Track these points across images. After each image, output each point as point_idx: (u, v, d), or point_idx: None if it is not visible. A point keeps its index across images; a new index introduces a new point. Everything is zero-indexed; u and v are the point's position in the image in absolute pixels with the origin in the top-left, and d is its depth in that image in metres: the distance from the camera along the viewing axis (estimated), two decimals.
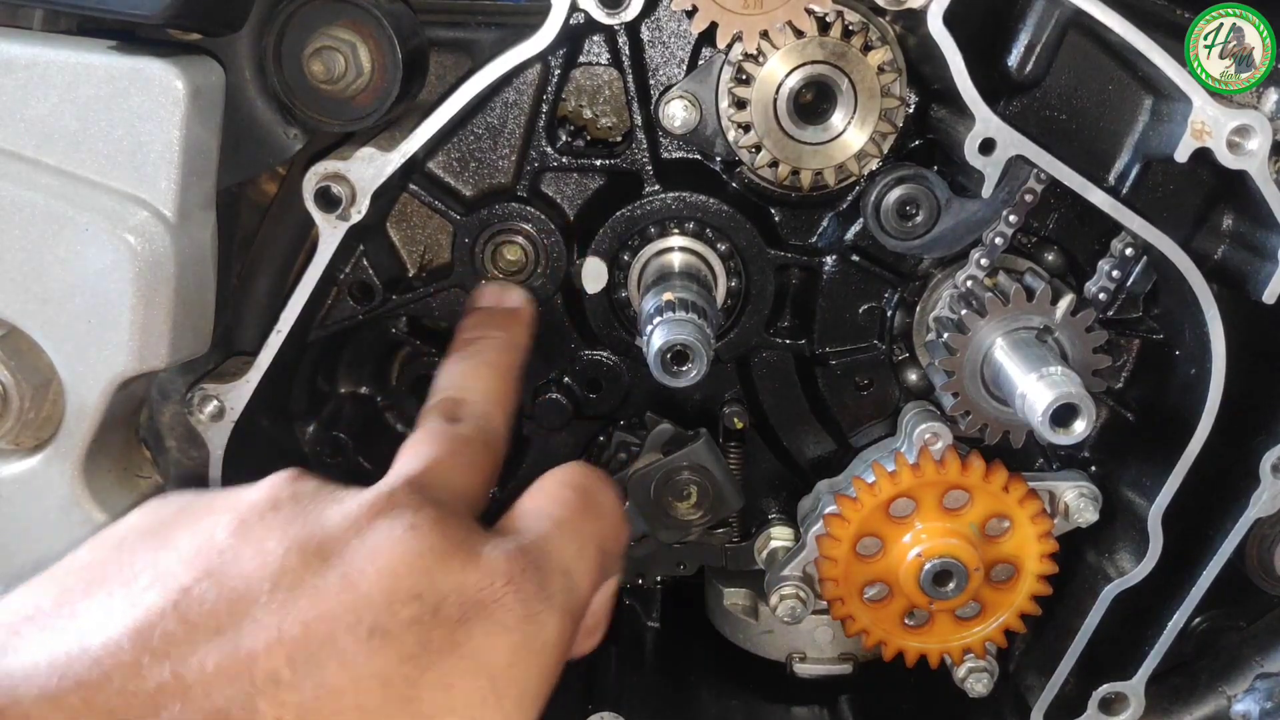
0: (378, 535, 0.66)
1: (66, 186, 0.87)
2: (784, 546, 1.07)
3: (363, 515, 0.67)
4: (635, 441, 1.09)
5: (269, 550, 0.64)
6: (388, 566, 0.64)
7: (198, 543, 0.65)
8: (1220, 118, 0.85)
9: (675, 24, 1.03)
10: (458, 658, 0.63)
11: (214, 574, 0.62)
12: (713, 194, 1.02)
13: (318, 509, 0.69)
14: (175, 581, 0.62)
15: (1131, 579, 0.99)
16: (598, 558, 0.75)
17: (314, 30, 0.92)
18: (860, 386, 1.08)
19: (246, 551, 0.64)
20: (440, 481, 0.75)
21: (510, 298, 1.01)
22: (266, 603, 0.61)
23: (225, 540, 0.65)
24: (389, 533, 0.66)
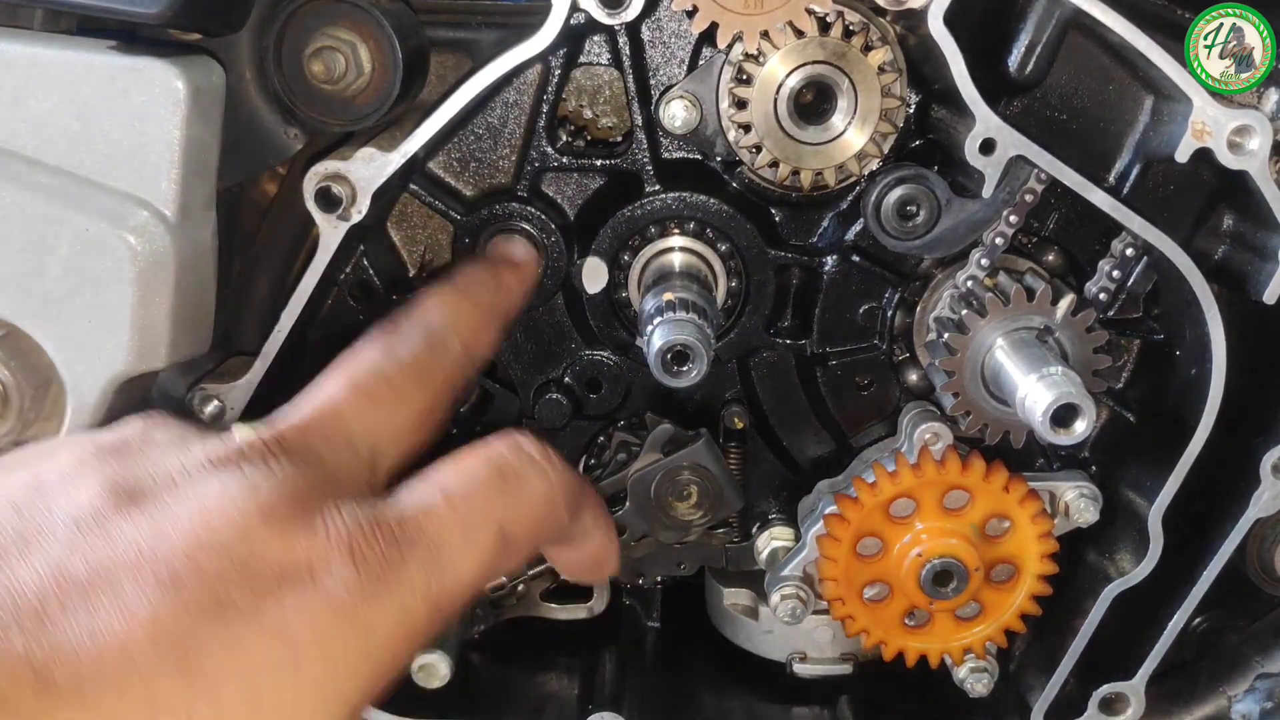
0: (206, 485, 0.63)
1: (66, 186, 0.87)
2: (784, 546, 1.07)
3: (203, 464, 0.65)
4: (635, 441, 1.09)
5: (85, 489, 0.62)
6: (203, 518, 0.61)
7: (28, 477, 0.64)
8: (1220, 118, 0.85)
9: (675, 24, 1.03)
10: (258, 621, 0.59)
11: (20, 508, 0.61)
12: (713, 194, 1.02)
13: (159, 454, 0.66)
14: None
15: (1132, 579, 0.99)
16: (492, 542, 0.69)
17: (314, 30, 0.92)
18: (860, 386, 1.08)
19: (65, 489, 0.63)
20: (323, 434, 0.71)
21: (515, 250, 0.98)
22: (59, 538, 0.59)
23: (52, 476, 0.64)
24: (220, 486, 0.63)
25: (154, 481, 0.63)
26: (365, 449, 0.72)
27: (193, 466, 0.65)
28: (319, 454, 0.69)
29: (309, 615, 0.60)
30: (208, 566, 0.59)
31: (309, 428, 0.71)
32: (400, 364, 0.78)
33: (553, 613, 1.16)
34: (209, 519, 0.61)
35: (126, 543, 0.59)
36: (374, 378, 0.76)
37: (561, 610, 1.16)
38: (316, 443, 0.70)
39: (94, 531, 0.60)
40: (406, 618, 0.64)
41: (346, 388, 0.75)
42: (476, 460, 0.73)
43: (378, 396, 0.75)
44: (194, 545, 0.60)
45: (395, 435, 0.75)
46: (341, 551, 0.62)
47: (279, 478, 0.65)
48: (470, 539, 0.68)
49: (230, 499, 0.62)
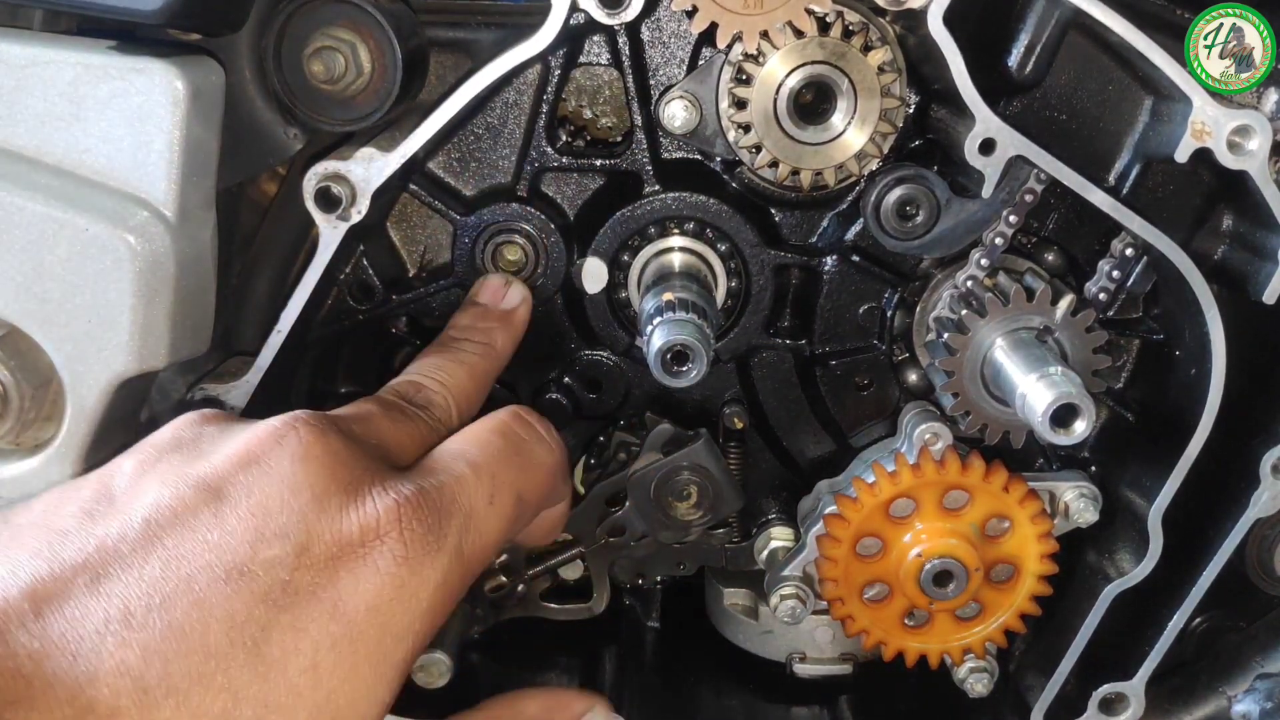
0: (261, 471, 0.67)
1: (66, 186, 0.87)
2: (784, 546, 1.07)
3: (256, 447, 0.68)
4: (635, 441, 1.09)
5: (151, 493, 0.65)
6: (260, 503, 0.65)
7: (95, 489, 0.67)
8: (1220, 118, 0.85)
9: (675, 24, 1.03)
10: (316, 601, 0.63)
11: (95, 518, 0.64)
12: (713, 194, 1.02)
13: (215, 448, 0.69)
14: (60, 526, 0.64)
15: (1131, 579, 0.99)
16: (513, 507, 0.75)
17: (314, 30, 0.92)
18: (860, 386, 1.08)
19: (133, 491, 0.66)
20: (360, 423, 0.75)
21: (510, 297, 1.01)
22: (134, 541, 0.62)
23: (121, 485, 0.67)
24: (274, 469, 0.67)
25: (213, 472, 0.67)
26: (392, 450, 0.76)
27: (245, 449, 0.68)
28: (359, 436, 0.73)
29: (363, 590, 0.64)
30: (270, 555, 0.63)
31: (351, 417, 0.76)
32: (408, 418, 0.82)
33: (553, 613, 1.16)
34: (265, 503, 0.65)
35: (194, 538, 0.63)
36: (394, 412, 0.81)
37: (561, 610, 1.16)
38: (357, 428, 0.74)
39: (164, 530, 0.63)
40: (447, 580, 0.68)
41: (376, 406, 0.80)
42: (492, 432, 0.79)
43: (400, 424, 0.80)
44: (256, 536, 0.63)
45: (411, 458, 0.79)
46: (390, 524, 0.66)
47: (327, 452, 0.68)
48: (495, 504, 0.74)
49: (283, 479, 0.66)
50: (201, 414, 0.74)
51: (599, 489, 1.07)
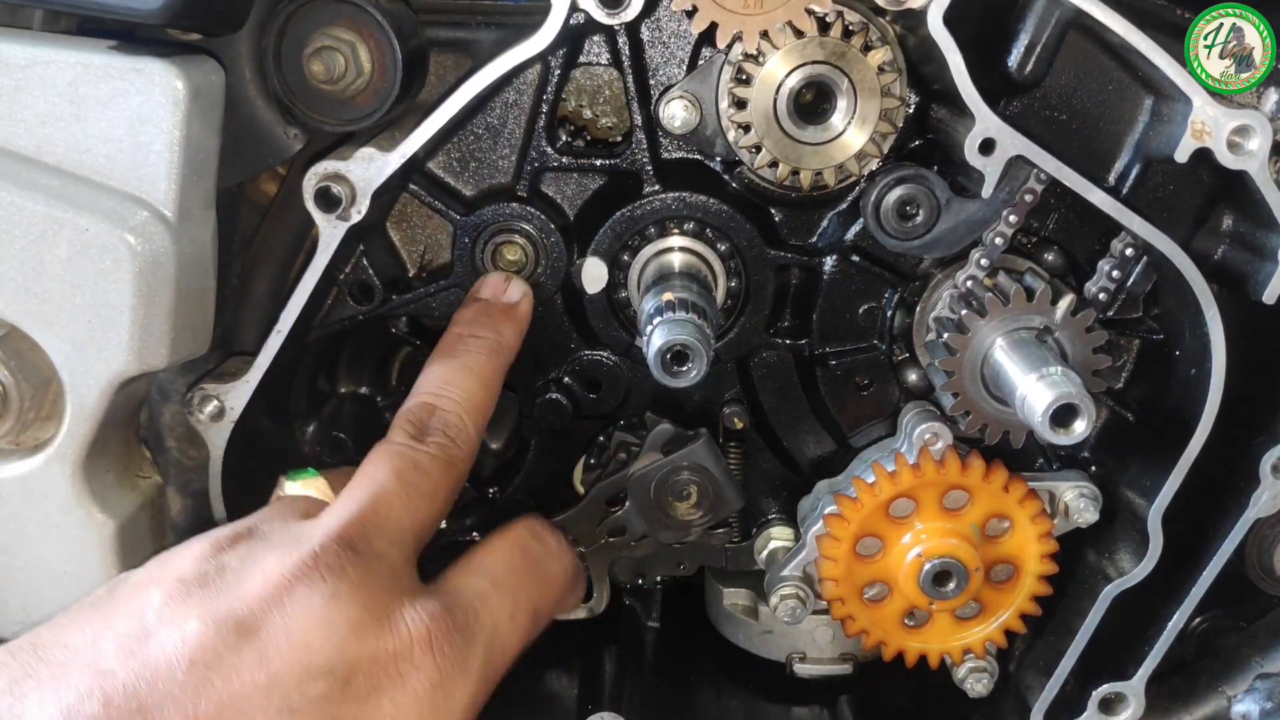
0: (295, 607, 0.69)
1: (66, 186, 0.87)
2: (784, 546, 1.07)
3: (283, 583, 0.70)
4: (635, 441, 1.09)
5: (189, 630, 0.67)
6: (302, 641, 0.68)
7: (130, 625, 0.69)
8: (1220, 118, 0.85)
9: (675, 24, 1.03)
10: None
11: (138, 656, 0.66)
12: (713, 194, 1.02)
13: (239, 581, 0.71)
14: (105, 665, 0.66)
15: (1131, 579, 0.99)
16: (529, 620, 0.81)
17: (314, 30, 0.92)
18: (860, 386, 1.08)
19: (168, 632, 0.67)
20: (379, 526, 0.77)
21: (511, 292, 1.01)
22: (184, 682, 0.65)
23: (153, 620, 0.69)
24: (306, 604, 0.69)
25: (247, 609, 0.69)
26: (412, 535, 0.79)
27: (275, 586, 0.70)
28: (380, 549, 0.76)
29: (403, 713, 0.69)
30: (315, 690, 0.67)
31: (367, 520, 0.77)
32: (430, 455, 0.84)
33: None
34: (307, 641, 0.68)
35: (244, 678, 0.66)
36: (411, 467, 0.83)
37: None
38: (375, 535, 0.76)
39: (211, 671, 0.66)
40: (475, 699, 0.74)
41: (391, 477, 0.81)
42: (511, 549, 0.85)
43: (417, 485, 0.82)
44: (301, 670, 0.67)
45: (434, 518, 0.83)
46: (423, 648, 0.71)
47: (355, 583, 0.71)
48: (515, 620, 0.80)
49: (319, 617, 0.69)
50: (215, 540, 0.75)
51: (599, 489, 1.07)
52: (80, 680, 0.65)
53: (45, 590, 0.97)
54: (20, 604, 0.98)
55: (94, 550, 0.95)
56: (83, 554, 0.95)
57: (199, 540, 0.76)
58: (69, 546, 0.95)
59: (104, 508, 0.95)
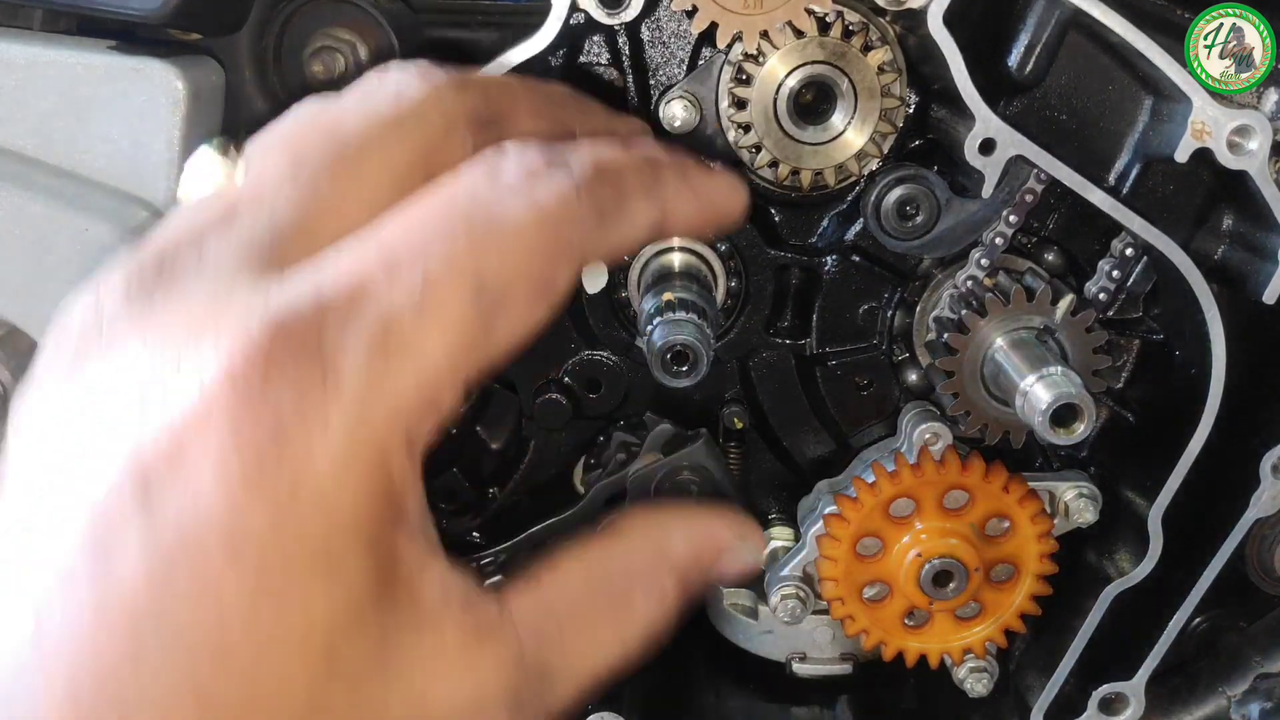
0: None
1: (66, 186, 0.87)
2: (784, 546, 1.07)
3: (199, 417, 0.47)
4: (635, 442, 1.09)
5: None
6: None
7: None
8: (1220, 118, 0.85)
9: (675, 24, 1.03)
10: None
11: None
12: None
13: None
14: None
15: (1131, 579, 0.99)
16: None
17: (314, 30, 0.92)
18: (860, 386, 1.08)
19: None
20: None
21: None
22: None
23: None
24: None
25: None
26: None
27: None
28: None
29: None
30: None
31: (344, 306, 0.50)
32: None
33: None
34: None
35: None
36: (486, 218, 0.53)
37: None
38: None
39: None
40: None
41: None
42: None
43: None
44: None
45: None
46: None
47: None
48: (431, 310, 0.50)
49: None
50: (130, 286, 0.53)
51: (599, 489, 1.07)
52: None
53: None
54: None
55: None
56: None
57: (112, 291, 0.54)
58: None
59: None
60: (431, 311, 0.49)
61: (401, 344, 0.48)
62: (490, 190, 0.53)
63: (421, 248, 0.50)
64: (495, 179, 0.54)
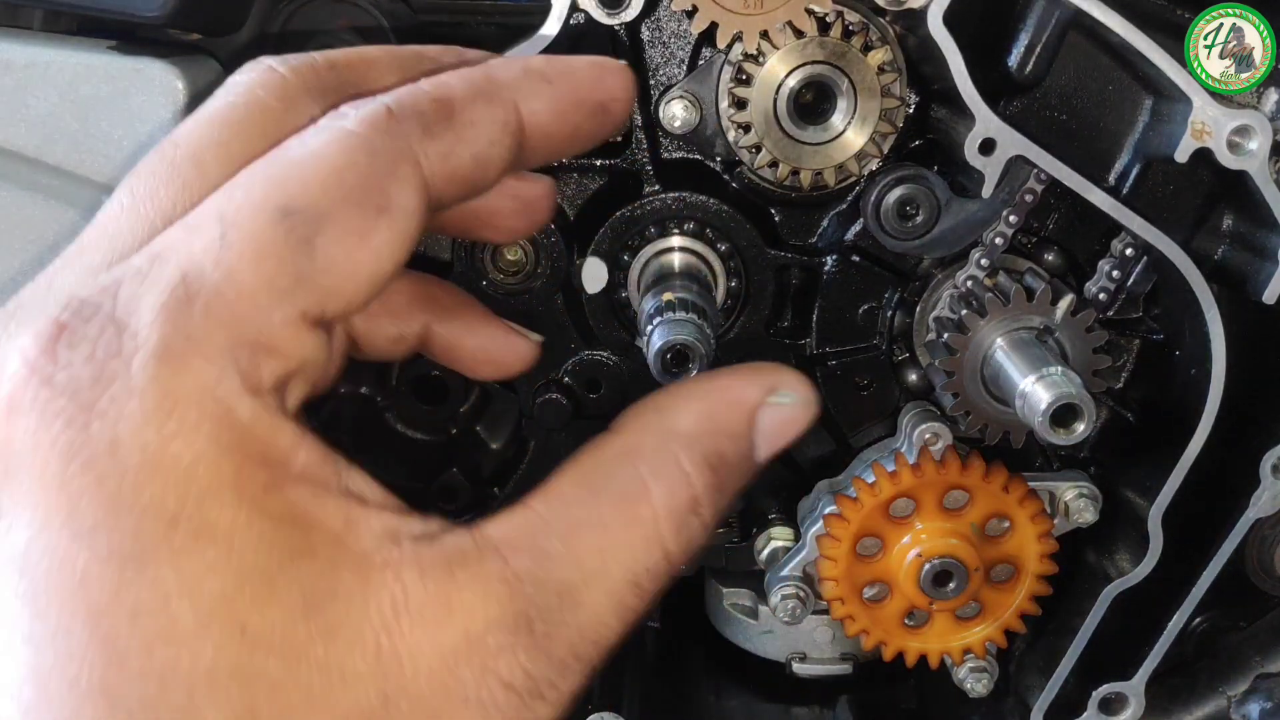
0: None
1: (67, 186, 0.87)
2: (784, 546, 1.07)
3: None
4: None
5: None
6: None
7: None
8: (1220, 118, 0.85)
9: (675, 24, 1.03)
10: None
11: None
12: (713, 194, 1.02)
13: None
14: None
15: (1131, 579, 0.99)
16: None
17: (314, 30, 0.92)
18: (860, 386, 1.08)
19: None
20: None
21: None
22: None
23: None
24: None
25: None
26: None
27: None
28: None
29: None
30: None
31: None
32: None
33: None
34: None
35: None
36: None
37: None
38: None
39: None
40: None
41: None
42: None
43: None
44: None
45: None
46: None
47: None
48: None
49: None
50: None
51: None
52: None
53: None
54: None
55: None
56: None
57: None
58: None
59: None
60: (232, 248, 0.46)
61: (200, 288, 0.45)
62: (299, 137, 0.51)
63: (223, 202, 0.49)
64: (310, 129, 0.52)
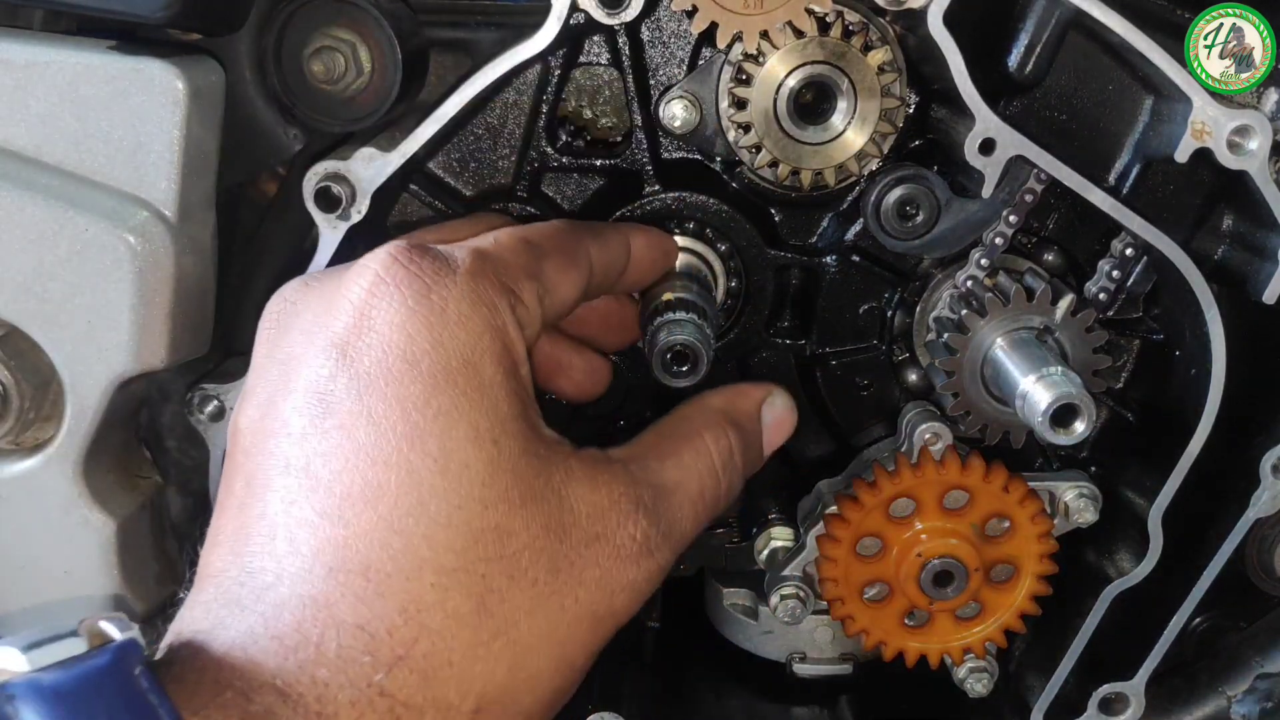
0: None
1: (66, 186, 0.87)
2: (784, 546, 1.07)
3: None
4: None
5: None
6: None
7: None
8: (1220, 118, 0.85)
9: (675, 24, 1.03)
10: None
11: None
12: (713, 194, 1.02)
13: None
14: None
15: (1131, 579, 0.99)
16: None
17: (314, 30, 0.92)
18: (860, 386, 1.08)
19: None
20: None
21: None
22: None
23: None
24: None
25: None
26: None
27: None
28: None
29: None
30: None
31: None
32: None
33: None
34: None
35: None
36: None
37: None
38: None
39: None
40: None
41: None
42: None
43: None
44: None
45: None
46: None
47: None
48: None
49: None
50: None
51: None
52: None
53: (45, 590, 0.97)
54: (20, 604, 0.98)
55: (94, 550, 0.95)
56: (83, 554, 0.95)
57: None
58: (69, 546, 0.95)
59: (104, 508, 0.95)
60: (501, 244, 0.77)
61: (487, 254, 0.75)
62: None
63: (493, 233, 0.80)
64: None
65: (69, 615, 0.58)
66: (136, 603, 0.99)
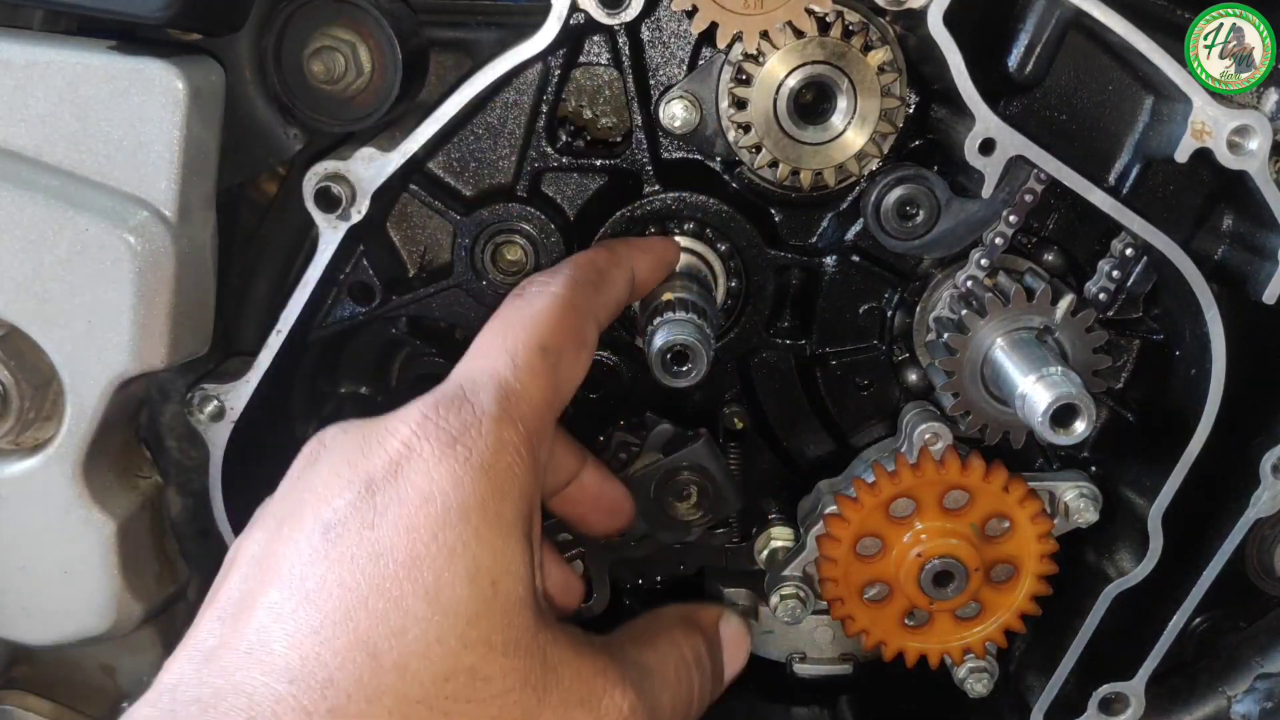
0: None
1: (66, 186, 0.87)
2: (784, 547, 1.07)
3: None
4: (635, 441, 1.09)
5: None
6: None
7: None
8: (1220, 118, 0.85)
9: (675, 24, 1.03)
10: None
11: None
12: (713, 194, 1.02)
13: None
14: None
15: (1131, 579, 0.99)
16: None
17: (314, 30, 0.92)
18: (860, 386, 1.08)
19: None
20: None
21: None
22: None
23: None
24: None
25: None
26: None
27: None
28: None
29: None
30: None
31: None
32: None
33: None
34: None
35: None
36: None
37: None
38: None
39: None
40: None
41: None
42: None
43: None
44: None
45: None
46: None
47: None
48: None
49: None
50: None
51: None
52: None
53: (45, 590, 0.97)
54: (20, 604, 0.98)
55: (94, 550, 0.95)
56: (83, 553, 0.95)
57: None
58: (69, 546, 0.95)
59: (104, 508, 0.95)
60: (521, 371, 0.78)
61: (509, 392, 0.76)
62: (530, 295, 0.86)
63: (504, 340, 0.81)
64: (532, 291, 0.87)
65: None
66: (136, 602, 0.99)
